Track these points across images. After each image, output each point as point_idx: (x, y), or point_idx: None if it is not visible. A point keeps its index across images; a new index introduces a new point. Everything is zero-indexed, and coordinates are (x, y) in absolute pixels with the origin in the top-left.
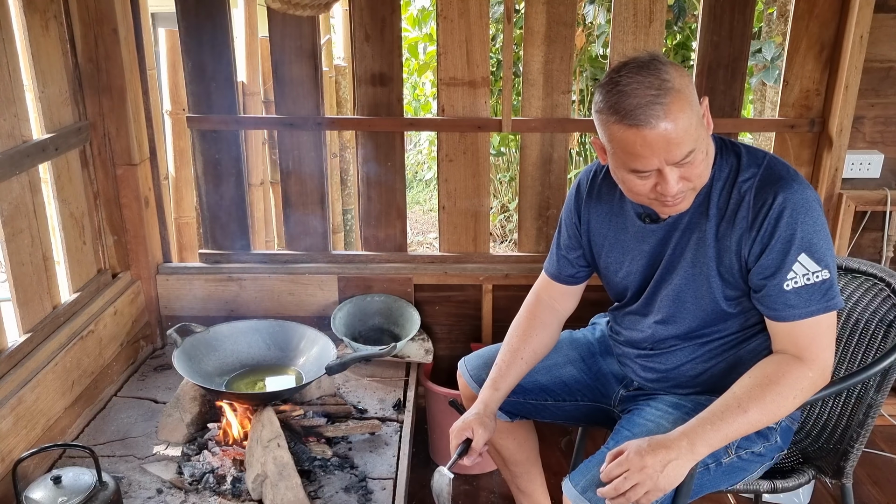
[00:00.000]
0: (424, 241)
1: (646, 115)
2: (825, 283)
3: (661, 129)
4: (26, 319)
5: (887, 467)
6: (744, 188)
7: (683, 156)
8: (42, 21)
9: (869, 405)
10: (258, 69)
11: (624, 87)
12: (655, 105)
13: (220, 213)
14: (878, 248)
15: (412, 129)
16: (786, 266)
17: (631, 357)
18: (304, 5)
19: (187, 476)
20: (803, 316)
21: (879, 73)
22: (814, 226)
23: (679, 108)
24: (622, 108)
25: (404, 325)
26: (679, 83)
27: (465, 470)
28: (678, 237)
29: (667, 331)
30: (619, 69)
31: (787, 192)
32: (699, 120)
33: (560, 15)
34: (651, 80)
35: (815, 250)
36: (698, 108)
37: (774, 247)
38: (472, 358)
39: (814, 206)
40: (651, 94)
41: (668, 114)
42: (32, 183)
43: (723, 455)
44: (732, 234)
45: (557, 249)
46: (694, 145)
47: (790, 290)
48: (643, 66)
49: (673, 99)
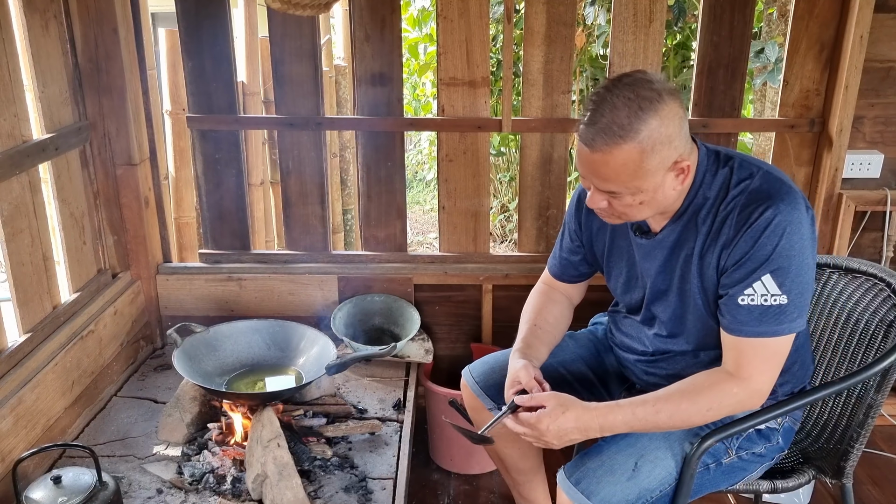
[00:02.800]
0: (424, 241)
1: (593, 137)
2: (780, 308)
3: (595, 157)
4: (26, 319)
5: (887, 467)
6: (730, 206)
7: (606, 189)
8: (42, 21)
9: (869, 405)
10: (258, 69)
11: (604, 104)
12: (607, 136)
13: (220, 213)
14: (878, 248)
15: (412, 129)
16: (747, 281)
17: (631, 361)
18: (304, 5)
19: (187, 476)
20: (749, 334)
21: (879, 73)
22: (790, 249)
23: (625, 154)
24: (588, 118)
25: (404, 325)
26: (649, 135)
27: (466, 469)
28: (667, 254)
29: (667, 345)
30: (620, 83)
31: (774, 209)
32: (648, 172)
33: (560, 15)
34: (625, 113)
35: (782, 274)
36: (660, 162)
37: (746, 262)
38: (477, 365)
39: (799, 227)
40: (612, 126)
41: (610, 152)
42: (32, 183)
43: (723, 455)
44: (715, 249)
45: (560, 251)
46: (622, 189)
47: (744, 306)
48: (635, 100)
49: (626, 144)
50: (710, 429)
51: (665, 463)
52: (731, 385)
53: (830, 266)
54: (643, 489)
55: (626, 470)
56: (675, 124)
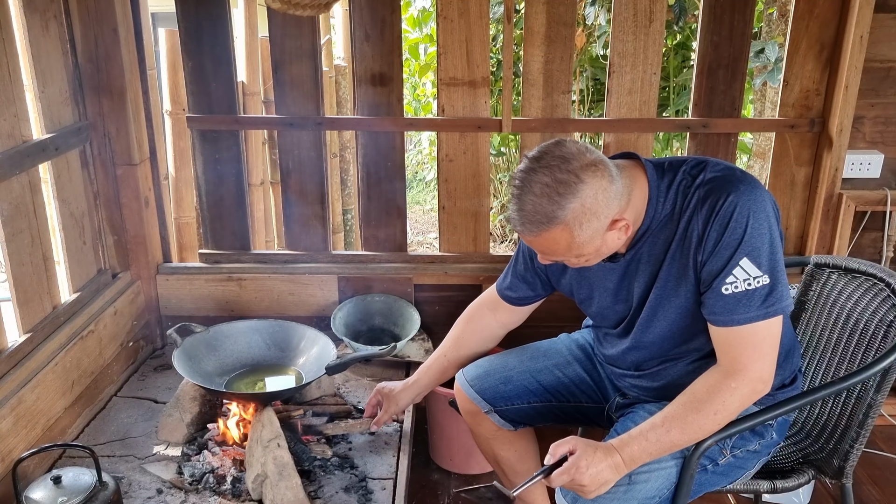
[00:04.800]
0: (424, 241)
1: (520, 225)
2: (765, 288)
3: (528, 238)
4: (26, 319)
5: (887, 467)
6: (691, 204)
7: (551, 259)
8: (42, 21)
9: (869, 405)
10: (258, 69)
11: (526, 191)
12: (532, 224)
13: (220, 213)
14: (878, 248)
15: (412, 129)
16: (727, 269)
17: (618, 375)
18: (304, 5)
19: (187, 476)
20: (741, 322)
21: (879, 73)
22: (760, 228)
23: (555, 235)
24: (513, 204)
25: (404, 325)
26: (574, 216)
27: (466, 469)
28: (638, 274)
29: (650, 359)
30: (539, 165)
31: (735, 195)
32: (583, 243)
33: (560, 15)
34: (546, 200)
35: (758, 254)
36: (594, 231)
37: (721, 250)
38: (470, 368)
39: (762, 206)
40: (536, 215)
41: (540, 235)
42: (32, 183)
43: (718, 456)
44: (689, 248)
45: (513, 274)
46: (563, 257)
47: (728, 295)
48: (553, 185)
49: (552, 227)
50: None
51: (659, 473)
52: (728, 382)
53: (830, 266)
54: (641, 499)
55: (621, 483)
56: (600, 196)
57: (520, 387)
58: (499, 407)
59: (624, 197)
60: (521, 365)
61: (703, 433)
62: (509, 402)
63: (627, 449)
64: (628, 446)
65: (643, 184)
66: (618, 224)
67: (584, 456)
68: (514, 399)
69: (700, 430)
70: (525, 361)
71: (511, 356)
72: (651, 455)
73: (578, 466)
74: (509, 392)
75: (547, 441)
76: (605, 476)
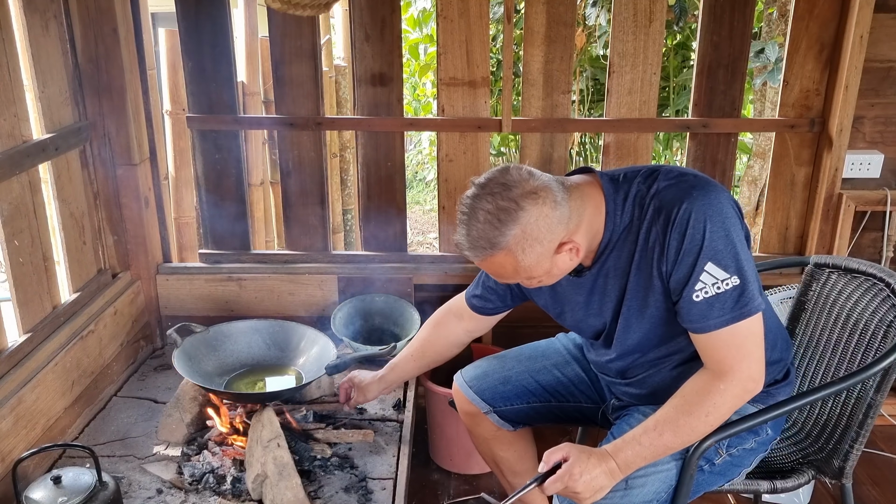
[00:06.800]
0: (424, 241)
1: (468, 249)
2: (736, 289)
3: (478, 262)
4: (26, 319)
5: (887, 467)
6: (648, 215)
7: (505, 282)
8: (42, 21)
9: (869, 405)
10: (258, 69)
11: (472, 217)
12: (477, 249)
13: (220, 213)
14: (878, 248)
15: (412, 129)
16: (693, 276)
17: (607, 382)
18: (304, 5)
19: (187, 476)
20: (717, 326)
21: (879, 73)
22: (719, 231)
23: (500, 260)
24: (460, 229)
25: (404, 325)
26: (515, 242)
27: (466, 469)
28: (607, 288)
29: (633, 365)
30: (484, 192)
31: (689, 202)
32: (530, 267)
33: (560, 15)
34: (488, 227)
35: (722, 257)
36: (540, 255)
37: (684, 258)
38: (469, 370)
39: (717, 209)
40: (480, 241)
41: (486, 259)
42: (32, 183)
43: (714, 456)
44: (651, 259)
45: (483, 285)
46: (513, 280)
47: (700, 301)
48: (495, 213)
49: (496, 253)
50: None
51: (656, 476)
52: (717, 384)
53: (830, 266)
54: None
55: (618, 488)
56: (542, 223)
57: (519, 387)
58: (498, 407)
59: (573, 220)
60: (519, 365)
61: (696, 435)
62: (508, 403)
63: (621, 454)
64: (622, 451)
65: (599, 199)
66: (565, 247)
67: (577, 463)
68: (513, 399)
69: (693, 432)
70: (523, 361)
71: (509, 356)
72: (646, 459)
73: (572, 473)
74: (508, 392)
75: (546, 441)
76: (599, 482)
